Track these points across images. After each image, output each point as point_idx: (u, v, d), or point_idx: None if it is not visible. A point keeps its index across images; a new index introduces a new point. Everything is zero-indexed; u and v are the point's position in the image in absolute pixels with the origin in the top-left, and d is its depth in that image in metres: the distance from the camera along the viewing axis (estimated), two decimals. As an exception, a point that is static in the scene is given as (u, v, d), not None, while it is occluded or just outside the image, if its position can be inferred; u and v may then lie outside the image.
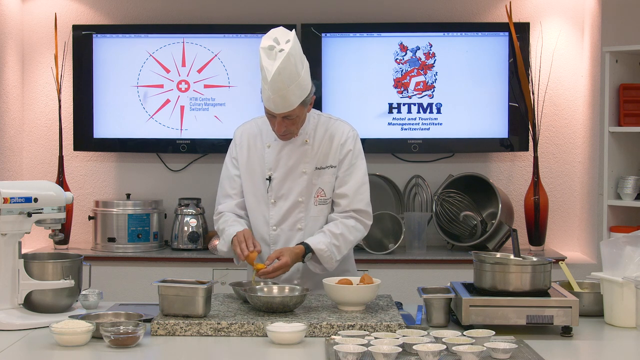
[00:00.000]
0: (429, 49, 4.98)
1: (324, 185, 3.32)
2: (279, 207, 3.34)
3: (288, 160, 3.32)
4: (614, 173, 4.60)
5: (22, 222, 2.97)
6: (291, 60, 3.08)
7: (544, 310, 2.76)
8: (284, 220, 3.34)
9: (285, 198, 3.33)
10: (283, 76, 3.08)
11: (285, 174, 3.32)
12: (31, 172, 5.19)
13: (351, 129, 3.37)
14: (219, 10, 5.16)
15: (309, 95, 3.20)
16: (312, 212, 3.33)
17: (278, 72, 3.07)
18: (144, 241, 4.88)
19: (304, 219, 3.33)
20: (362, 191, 3.33)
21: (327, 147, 3.32)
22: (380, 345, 2.45)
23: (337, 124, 3.36)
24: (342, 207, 3.31)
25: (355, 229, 3.30)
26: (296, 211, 3.33)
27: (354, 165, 3.33)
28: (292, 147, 3.31)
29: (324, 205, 3.34)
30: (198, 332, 2.76)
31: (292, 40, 3.11)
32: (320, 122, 3.35)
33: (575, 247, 5.14)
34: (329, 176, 3.32)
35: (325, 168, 3.32)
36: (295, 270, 3.34)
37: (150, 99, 5.03)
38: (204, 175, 5.15)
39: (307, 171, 3.31)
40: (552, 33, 5.06)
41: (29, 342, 2.72)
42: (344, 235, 3.27)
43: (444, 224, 4.90)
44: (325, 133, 3.34)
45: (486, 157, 5.16)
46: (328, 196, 3.34)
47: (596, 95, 4.76)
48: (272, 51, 3.11)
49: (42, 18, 5.16)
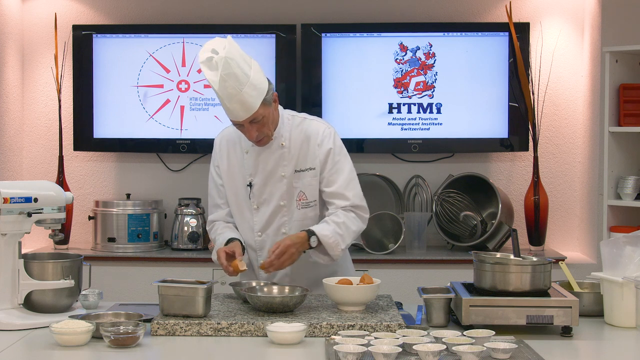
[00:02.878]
0: (429, 49, 4.98)
1: (304, 188, 3.29)
2: (262, 212, 3.32)
3: (266, 165, 3.29)
4: (614, 173, 4.60)
5: (22, 222, 2.97)
6: (232, 64, 3.04)
7: (544, 310, 2.76)
8: (268, 225, 3.33)
9: (267, 203, 3.31)
10: (230, 82, 3.04)
11: (265, 178, 3.30)
12: (31, 172, 5.19)
13: (327, 127, 3.32)
14: (219, 10, 5.16)
15: (268, 93, 3.14)
16: (296, 216, 3.31)
17: (223, 80, 3.04)
18: (144, 241, 4.88)
19: (288, 223, 3.31)
20: (352, 186, 3.29)
21: (304, 149, 3.29)
22: (380, 345, 2.45)
23: (313, 124, 3.32)
24: (336, 206, 3.28)
25: (355, 219, 3.27)
26: (279, 215, 3.31)
27: (339, 163, 3.29)
28: (269, 152, 3.28)
29: (308, 209, 3.31)
30: (198, 332, 2.76)
31: (227, 45, 3.06)
32: (295, 124, 3.31)
33: (575, 247, 5.14)
34: (309, 179, 3.29)
35: (305, 170, 3.28)
36: (284, 275, 3.34)
37: (150, 99, 5.03)
38: (204, 175, 5.09)
39: (286, 174, 3.28)
40: (552, 33, 5.06)
41: (29, 342, 2.72)
42: (346, 224, 3.23)
43: (444, 224, 4.90)
44: (301, 134, 3.29)
45: (486, 157, 5.16)
46: (310, 199, 3.30)
47: (596, 95, 4.76)
48: (212, 62, 3.06)
49: (42, 18, 5.16)
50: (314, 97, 4.96)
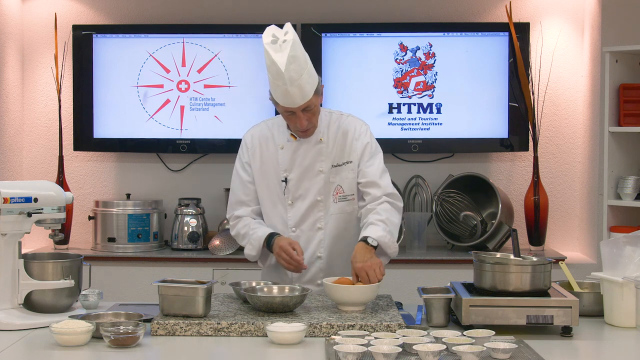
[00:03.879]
0: (429, 49, 4.98)
1: (342, 182, 3.32)
2: (297, 207, 3.33)
3: (303, 160, 3.31)
4: (614, 173, 4.60)
5: (22, 222, 2.97)
6: (297, 47, 3.10)
7: (544, 310, 2.76)
8: (303, 220, 3.33)
9: (303, 198, 3.32)
10: (295, 65, 3.08)
11: (301, 174, 3.31)
12: (31, 172, 5.19)
13: (363, 123, 3.38)
14: (219, 10, 5.16)
15: (319, 84, 3.20)
16: (332, 210, 3.32)
17: (289, 62, 3.07)
18: (144, 241, 4.88)
19: (324, 218, 3.32)
20: (386, 177, 3.33)
21: (341, 143, 3.32)
22: (380, 345, 2.45)
23: (349, 119, 3.38)
24: (372, 196, 3.28)
25: (394, 211, 3.27)
26: (315, 210, 3.32)
27: (374, 156, 3.34)
28: (307, 147, 3.31)
29: (344, 202, 3.33)
30: (198, 332, 2.76)
31: (290, 31, 3.12)
32: (333, 119, 3.36)
33: (575, 247, 5.14)
34: (346, 172, 3.32)
35: (342, 165, 3.31)
36: (318, 270, 3.34)
37: (150, 99, 5.03)
38: (204, 175, 5.15)
39: (323, 169, 3.31)
40: (552, 33, 5.06)
41: (29, 342, 2.72)
42: (390, 219, 3.22)
43: (444, 224, 4.90)
44: (339, 130, 3.34)
45: (486, 157, 5.16)
46: (347, 192, 3.32)
47: (596, 95, 4.76)
48: (276, 44, 3.10)
49: (42, 18, 5.16)
50: (314, 97, 4.96)
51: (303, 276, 3.33)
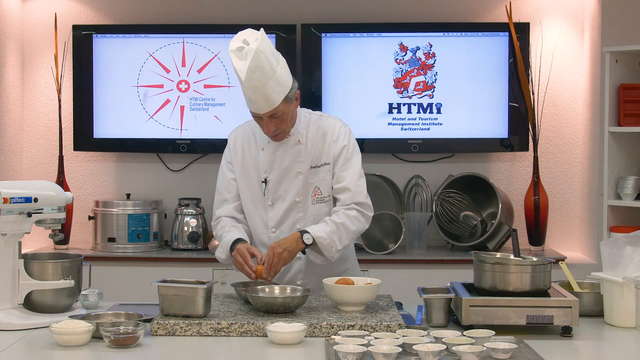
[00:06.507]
0: (429, 49, 4.98)
1: (320, 184, 3.31)
2: (277, 208, 3.33)
3: (282, 161, 3.31)
4: (614, 173, 4.60)
5: (22, 222, 2.97)
6: (262, 57, 3.08)
7: (544, 310, 2.76)
8: (282, 221, 3.34)
9: (282, 199, 3.33)
10: (257, 74, 3.07)
11: (280, 175, 3.31)
12: (31, 172, 5.19)
13: (342, 125, 3.36)
14: (219, 10, 5.16)
15: (291, 91, 3.18)
16: (311, 212, 3.33)
17: (251, 71, 3.07)
18: (144, 241, 4.88)
19: (303, 219, 3.33)
20: (360, 184, 3.31)
21: (320, 145, 3.32)
22: (380, 345, 2.45)
23: (329, 121, 3.36)
24: (342, 202, 3.29)
25: (357, 219, 3.27)
26: (294, 211, 3.33)
27: (350, 160, 3.32)
28: (285, 148, 3.31)
29: (322, 204, 3.33)
30: (198, 332, 2.76)
31: (260, 38, 3.10)
32: (312, 121, 3.35)
33: (575, 247, 5.14)
34: (324, 174, 3.31)
35: (320, 166, 3.31)
36: (297, 271, 3.35)
37: (150, 99, 5.03)
38: (204, 175, 5.15)
39: (302, 171, 3.31)
40: (552, 33, 5.06)
41: (29, 342, 2.72)
42: (345, 224, 3.23)
43: (444, 224, 4.90)
44: (317, 131, 3.33)
45: (486, 157, 5.16)
46: (325, 194, 3.32)
47: (596, 95, 4.76)
48: (242, 52, 3.10)
49: (42, 18, 5.16)
50: (314, 97, 4.96)
51: (282, 277, 3.33)
